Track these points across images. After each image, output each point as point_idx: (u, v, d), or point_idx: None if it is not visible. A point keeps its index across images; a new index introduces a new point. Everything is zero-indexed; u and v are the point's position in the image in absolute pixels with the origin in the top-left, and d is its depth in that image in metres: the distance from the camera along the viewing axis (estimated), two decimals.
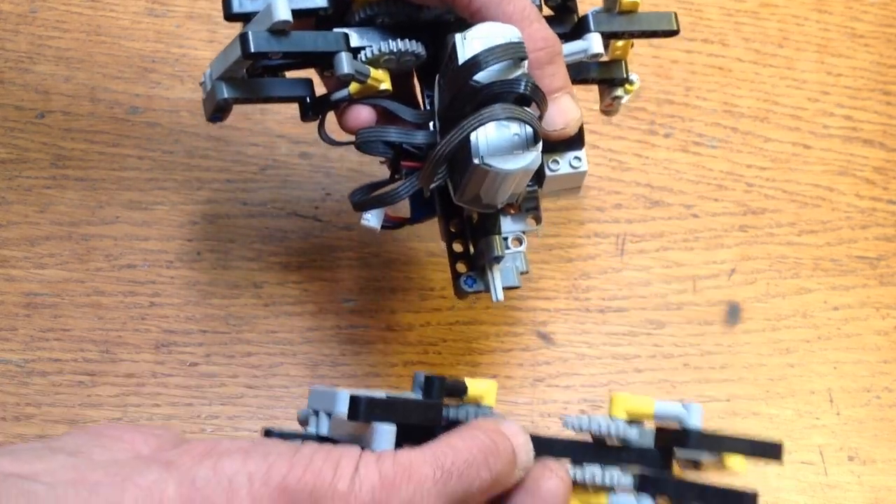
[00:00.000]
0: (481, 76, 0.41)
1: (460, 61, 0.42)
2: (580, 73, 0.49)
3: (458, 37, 0.43)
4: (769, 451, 0.42)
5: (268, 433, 0.41)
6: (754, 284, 0.60)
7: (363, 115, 0.47)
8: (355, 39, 0.46)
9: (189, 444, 0.36)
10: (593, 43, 0.47)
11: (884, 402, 0.58)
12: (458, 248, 0.49)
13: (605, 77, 0.51)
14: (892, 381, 0.58)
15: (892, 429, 0.57)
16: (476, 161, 0.41)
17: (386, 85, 0.46)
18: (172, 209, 0.59)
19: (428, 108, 0.48)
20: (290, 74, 0.48)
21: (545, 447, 0.42)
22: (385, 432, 0.38)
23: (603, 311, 0.59)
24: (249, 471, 0.34)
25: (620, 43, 0.50)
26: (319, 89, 0.49)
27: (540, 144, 0.42)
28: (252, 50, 0.43)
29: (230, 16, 0.45)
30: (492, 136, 0.41)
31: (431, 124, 0.47)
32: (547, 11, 0.49)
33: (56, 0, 0.64)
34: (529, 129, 0.41)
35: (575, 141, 0.46)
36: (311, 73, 0.48)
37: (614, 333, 0.58)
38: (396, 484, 0.35)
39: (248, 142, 0.60)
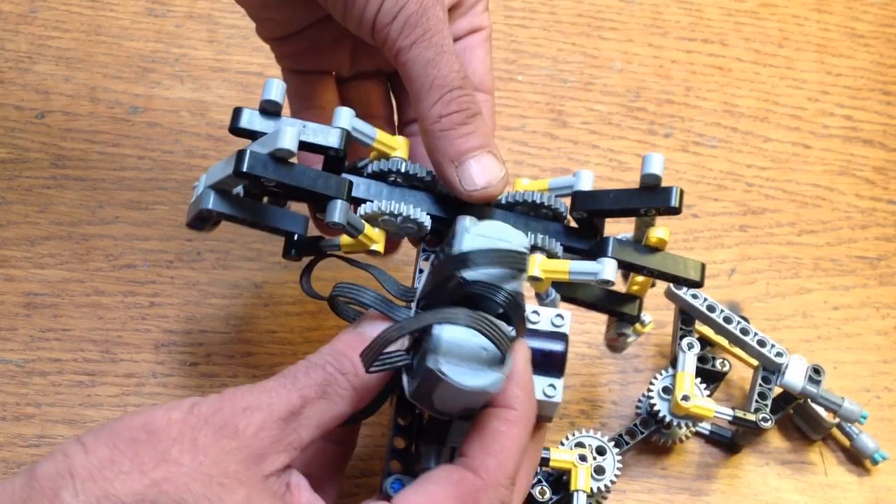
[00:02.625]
0: (471, 273, 0.37)
1: (454, 250, 0.38)
2: (588, 294, 0.47)
3: (462, 224, 0.39)
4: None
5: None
6: (754, 284, 0.60)
7: None
8: (360, 190, 0.44)
9: None
10: (606, 269, 0.43)
11: (884, 402, 0.58)
12: (399, 443, 0.43)
13: (615, 309, 0.48)
14: (892, 381, 0.58)
15: (892, 429, 0.57)
16: (430, 364, 0.36)
17: (378, 246, 0.43)
18: (172, 209, 0.59)
19: (417, 286, 0.44)
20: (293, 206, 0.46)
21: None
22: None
23: None
24: None
25: (640, 279, 0.47)
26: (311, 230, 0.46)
27: (507, 367, 0.37)
28: (244, 170, 0.40)
29: (235, 129, 0.44)
30: (457, 340, 0.36)
31: (413, 305, 0.42)
32: (572, 224, 0.46)
33: (56, 0, 0.64)
34: (497, 348, 0.36)
35: (553, 366, 0.41)
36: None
37: None
38: None
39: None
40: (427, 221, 0.43)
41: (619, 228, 0.53)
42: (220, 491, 0.33)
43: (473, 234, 0.39)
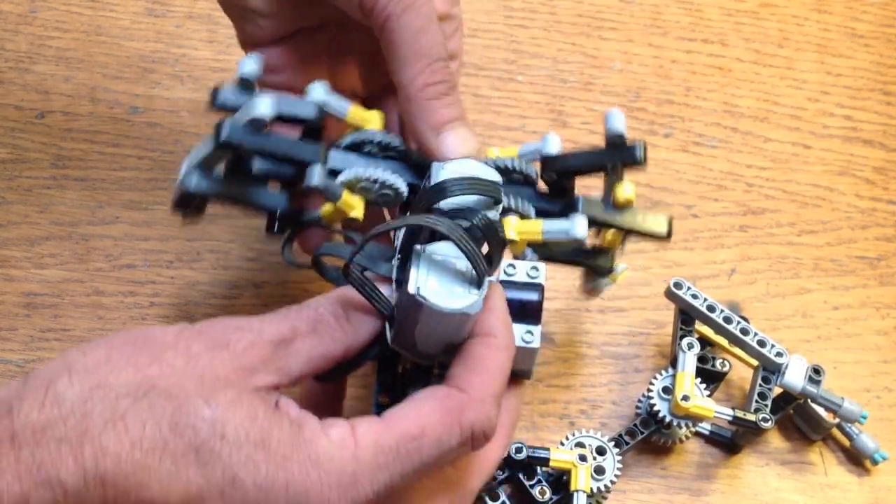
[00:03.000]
0: (447, 203, 0.39)
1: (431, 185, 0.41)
2: (563, 250, 0.47)
3: (435, 164, 0.42)
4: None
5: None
6: (754, 284, 0.60)
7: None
8: (337, 160, 0.44)
9: None
10: (577, 225, 0.44)
11: (884, 402, 0.58)
12: (384, 400, 0.44)
13: (588, 263, 0.49)
14: (892, 381, 0.58)
15: (892, 429, 0.57)
16: (410, 290, 0.37)
17: (357, 213, 0.44)
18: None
19: (397, 244, 0.44)
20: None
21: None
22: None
23: (603, 311, 0.59)
24: None
25: (611, 234, 0.47)
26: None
27: (483, 290, 0.38)
28: (222, 138, 0.41)
29: (214, 107, 0.45)
30: (436, 262, 0.38)
31: (395, 260, 0.42)
32: (542, 186, 0.47)
33: (56, 0, 0.64)
34: (473, 267, 0.37)
35: (529, 314, 0.42)
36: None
37: (614, 333, 0.58)
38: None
39: None
40: (403, 187, 0.44)
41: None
42: (210, 390, 0.35)
43: (448, 170, 0.41)
